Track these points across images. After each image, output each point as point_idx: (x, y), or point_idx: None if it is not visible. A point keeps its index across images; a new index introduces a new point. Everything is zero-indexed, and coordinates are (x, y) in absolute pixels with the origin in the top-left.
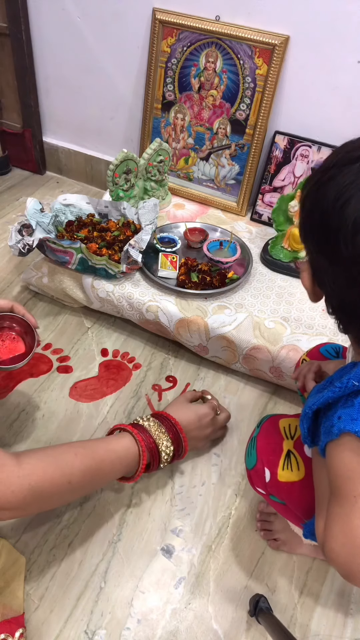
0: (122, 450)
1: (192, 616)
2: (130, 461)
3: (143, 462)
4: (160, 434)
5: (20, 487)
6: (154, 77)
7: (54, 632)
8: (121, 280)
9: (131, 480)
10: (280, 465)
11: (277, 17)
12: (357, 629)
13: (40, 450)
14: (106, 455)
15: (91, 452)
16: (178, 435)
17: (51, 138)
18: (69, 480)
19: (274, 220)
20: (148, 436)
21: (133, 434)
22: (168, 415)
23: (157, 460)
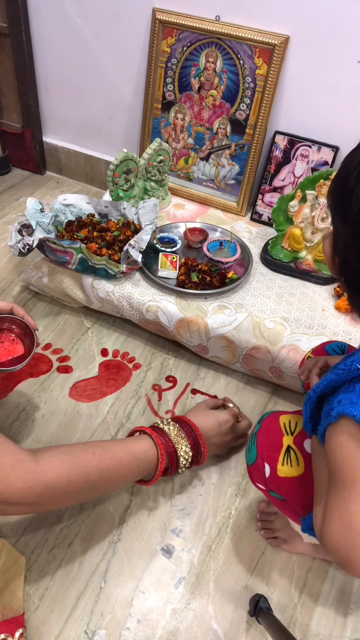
0: (140, 452)
1: (192, 616)
2: (148, 464)
3: (161, 466)
4: (180, 438)
5: (36, 483)
6: (154, 77)
7: (54, 632)
8: (121, 280)
9: (149, 483)
10: (280, 461)
11: (277, 17)
12: (357, 629)
13: (58, 448)
14: (124, 457)
15: (109, 452)
16: (197, 441)
17: (51, 138)
18: (85, 479)
19: (274, 220)
20: (167, 440)
21: (152, 437)
22: (188, 420)
23: (175, 465)
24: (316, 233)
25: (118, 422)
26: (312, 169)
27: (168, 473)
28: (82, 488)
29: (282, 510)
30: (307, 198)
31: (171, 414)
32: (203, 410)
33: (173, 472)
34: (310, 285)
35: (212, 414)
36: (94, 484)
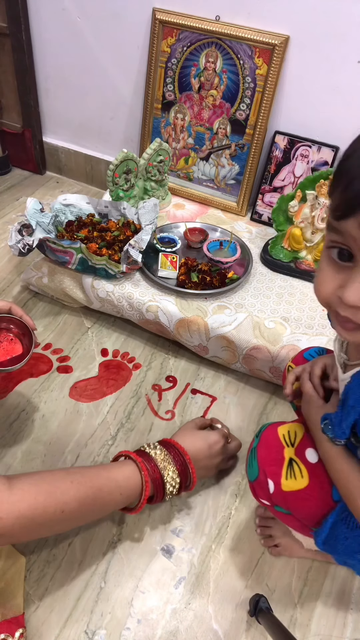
0: (123, 479)
1: (192, 616)
2: (131, 492)
3: (145, 493)
4: (167, 464)
5: (8, 514)
6: (154, 77)
7: (54, 632)
8: (121, 280)
9: (133, 512)
10: (284, 475)
11: (277, 17)
12: (357, 629)
13: (35, 475)
14: (105, 484)
15: (89, 480)
16: (186, 466)
17: (51, 138)
18: (62, 509)
19: (274, 220)
20: (153, 465)
21: (137, 462)
22: (176, 443)
23: (161, 492)
24: (316, 233)
25: (118, 422)
26: (312, 169)
27: (154, 501)
28: (58, 519)
29: (287, 523)
30: (307, 198)
31: (171, 414)
32: (191, 431)
33: (159, 499)
34: (310, 285)
35: (201, 435)
36: (72, 515)
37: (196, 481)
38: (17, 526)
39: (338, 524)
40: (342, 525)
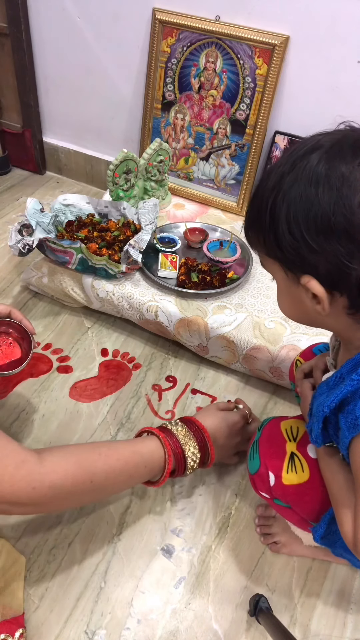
0: (147, 453)
1: (192, 616)
2: (155, 465)
3: (168, 467)
4: (188, 439)
5: (41, 483)
6: (154, 77)
7: (54, 632)
8: (121, 280)
9: (156, 485)
10: (285, 469)
11: (277, 17)
12: (357, 629)
13: (63, 448)
14: (131, 457)
15: (116, 452)
16: (205, 443)
17: (51, 138)
18: (91, 479)
19: None
20: (175, 441)
21: (160, 438)
22: (196, 421)
23: (182, 466)
24: None
25: (118, 422)
26: None
27: (176, 474)
28: (88, 489)
29: (287, 517)
30: None
31: (171, 414)
32: (212, 411)
33: (181, 473)
34: None
35: (220, 415)
36: (100, 485)
37: (214, 458)
38: (49, 495)
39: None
40: None
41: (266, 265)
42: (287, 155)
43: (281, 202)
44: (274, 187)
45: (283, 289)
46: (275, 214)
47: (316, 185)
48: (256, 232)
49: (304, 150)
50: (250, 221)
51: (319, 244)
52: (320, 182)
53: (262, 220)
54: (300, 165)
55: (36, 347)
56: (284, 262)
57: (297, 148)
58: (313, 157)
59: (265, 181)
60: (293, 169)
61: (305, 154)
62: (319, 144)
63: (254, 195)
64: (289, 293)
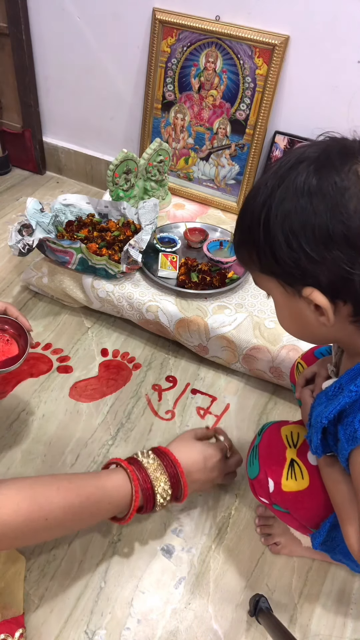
0: (112, 488)
1: (192, 616)
2: (120, 501)
3: (135, 504)
4: (159, 474)
5: None
6: (154, 77)
7: (54, 632)
8: (121, 280)
9: (122, 521)
10: (284, 475)
11: (277, 17)
12: (357, 629)
13: (19, 481)
14: (93, 493)
15: (76, 487)
16: (178, 478)
17: (51, 138)
18: (46, 517)
19: None
20: (145, 475)
21: (128, 472)
22: (170, 453)
23: (151, 503)
24: None
25: (118, 422)
26: None
27: (143, 511)
28: (42, 527)
29: (286, 522)
30: None
31: (171, 414)
32: (188, 441)
33: (149, 509)
34: None
35: (197, 446)
36: (56, 523)
37: (187, 494)
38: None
39: (336, 527)
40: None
41: (261, 283)
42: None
43: (275, 217)
44: (265, 203)
45: (282, 305)
46: (269, 228)
47: (309, 196)
48: (249, 249)
49: (291, 164)
50: (241, 240)
51: (319, 254)
52: (314, 193)
53: (255, 236)
54: (289, 178)
55: (33, 344)
56: (282, 277)
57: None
58: (301, 169)
59: (253, 198)
60: (282, 182)
61: (292, 166)
62: (304, 156)
63: (242, 213)
64: (288, 308)
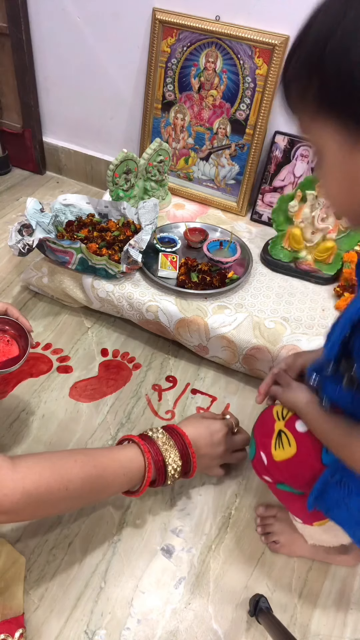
0: (126, 460)
1: (192, 616)
2: (134, 473)
3: (148, 476)
4: (169, 447)
5: (13, 490)
6: (154, 77)
7: (54, 632)
8: (121, 280)
9: (136, 494)
10: (273, 446)
11: (277, 17)
12: (357, 629)
13: (38, 454)
14: (109, 465)
15: (93, 459)
16: (187, 451)
17: (51, 138)
18: (66, 486)
19: (274, 220)
20: (156, 449)
21: (139, 445)
22: (178, 428)
23: (163, 475)
24: (316, 233)
25: (118, 422)
26: (312, 169)
27: (156, 484)
28: (63, 497)
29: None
30: (307, 198)
31: (171, 414)
32: (195, 419)
33: (161, 482)
34: (310, 285)
35: (204, 422)
36: (76, 493)
37: (196, 467)
38: (22, 503)
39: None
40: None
41: (314, 131)
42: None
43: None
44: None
45: (335, 163)
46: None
47: None
48: (306, 83)
49: None
50: (296, 73)
51: None
52: None
53: (321, 62)
54: None
55: (33, 345)
56: (350, 114)
57: None
58: None
59: (320, 15)
60: None
61: None
62: None
63: (303, 35)
64: (344, 166)
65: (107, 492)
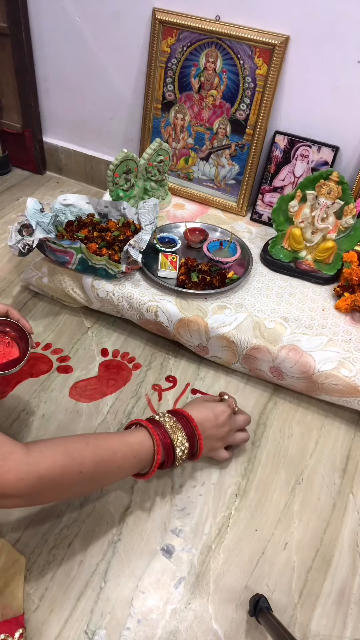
0: (135, 443)
1: (192, 616)
2: (144, 455)
3: (157, 457)
4: (176, 429)
5: (28, 474)
6: (154, 77)
7: (54, 632)
8: (121, 280)
9: (145, 477)
10: None
11: (277, 17)
12: (357, 629)
13: (51, 440)
14: (119, 447)
15: (104, 442)
16: (193, 433)
17: (51, 138)
18: (79, 469)
19: (274, 220)
20: (163, 431)
21: (148, 428)
22: (184, 412)
23: (171, 457)
24: (316, 233)
25: (118, 422)
26: (312, 169)
27: (165, 466)
28: (77, 479)
29: None
30: (307, 198)
31: None
32: (199, 402)
33: (170, 464)
34: (310, 285)
35: (208, 405)
36: (89, 476)
37: (203, 448)
38: (38, 486)
39: None
40: None
41: None
42: None
43: None
44: None
45: None
46: None
47: None
48: None
49: None
50: None
51: None
52: None
53: None
54: None
55: (34, 347)
56: None
57: None
58: None
59: None
60: None
61: None
62: None
63: None
64: None
65: (119, 475)
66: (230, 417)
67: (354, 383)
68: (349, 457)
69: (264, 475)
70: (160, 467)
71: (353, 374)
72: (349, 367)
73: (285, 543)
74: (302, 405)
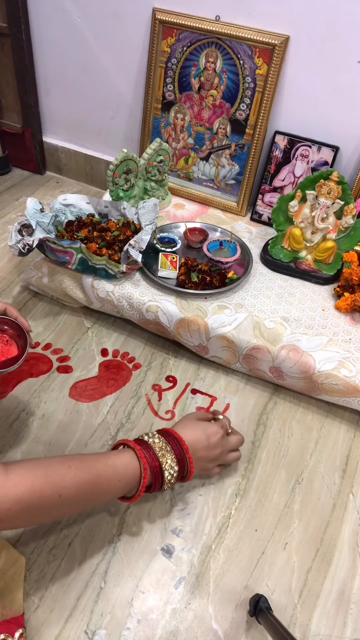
0: (121, 466)
1: (192, 616)
2: (130, 479)
3: (144, 481)
4: (165, 452)
5: (5, 497)
6: (154, 77)
7: (54, 632)
8: (121, 280)
9: (131, 500)
10: None
11: (277, 17)
12: (357, 629)
13: (32, 461)
14: (103, 470)
15: (87, 465)
16: (183, 455)
17: (51, 138)
18: (59, 493)
19: (274, 220)
20: (152, 454)
21: (135, 451)
22: (174, 432)
23: (159, 481)
24: (316, 233)
25: (118, 422)
26: (312, 169)
27: (152, 489)
28: (56, 504)
29: None
30: (307, 198)
31: (171, 414)
32: (190, 422)
33: (157, 487)
34: (310, 285)
35: (199, 425)
36: (70, 500)
37: (193, 471)
38: (14, 510)
39: None
40: None
41: None
42: None
43: None
44: None
45: None
46: None
47: None
48: None
49: None
50: None
51: None
52: None
53: None
54: None
55: (33, 345)
56: None
57: None
58: None
59: None
60: None
61: None
62: None
63: None
64: None
65: (102, 499)
66: (223, 438)
67: (354, 383)
68: (349, 457)
69: (264, 475)
70: (147, 491)
71: (353, 374)
72: (349, 367)
73: (285, 543)
74: (302, 405)
